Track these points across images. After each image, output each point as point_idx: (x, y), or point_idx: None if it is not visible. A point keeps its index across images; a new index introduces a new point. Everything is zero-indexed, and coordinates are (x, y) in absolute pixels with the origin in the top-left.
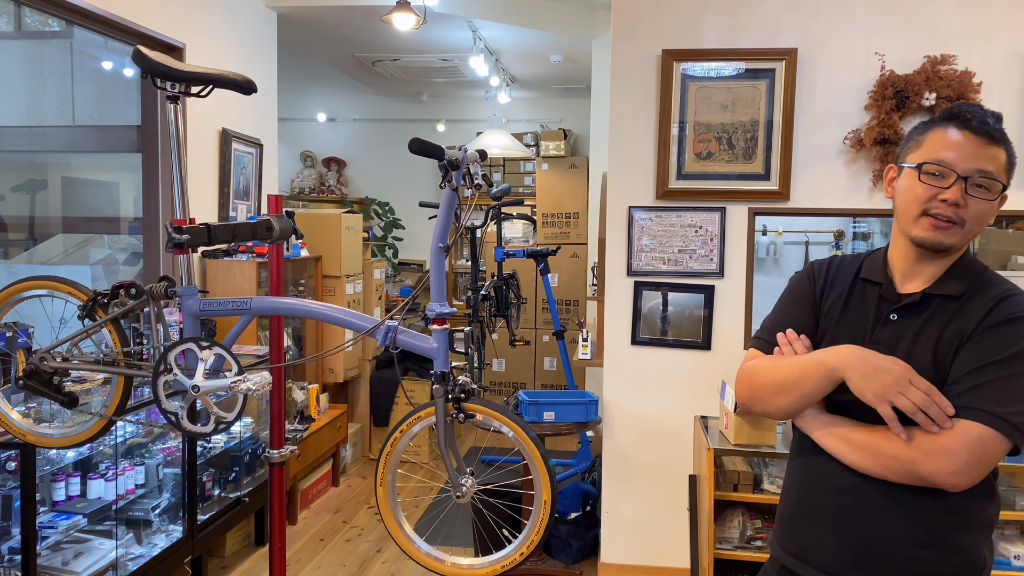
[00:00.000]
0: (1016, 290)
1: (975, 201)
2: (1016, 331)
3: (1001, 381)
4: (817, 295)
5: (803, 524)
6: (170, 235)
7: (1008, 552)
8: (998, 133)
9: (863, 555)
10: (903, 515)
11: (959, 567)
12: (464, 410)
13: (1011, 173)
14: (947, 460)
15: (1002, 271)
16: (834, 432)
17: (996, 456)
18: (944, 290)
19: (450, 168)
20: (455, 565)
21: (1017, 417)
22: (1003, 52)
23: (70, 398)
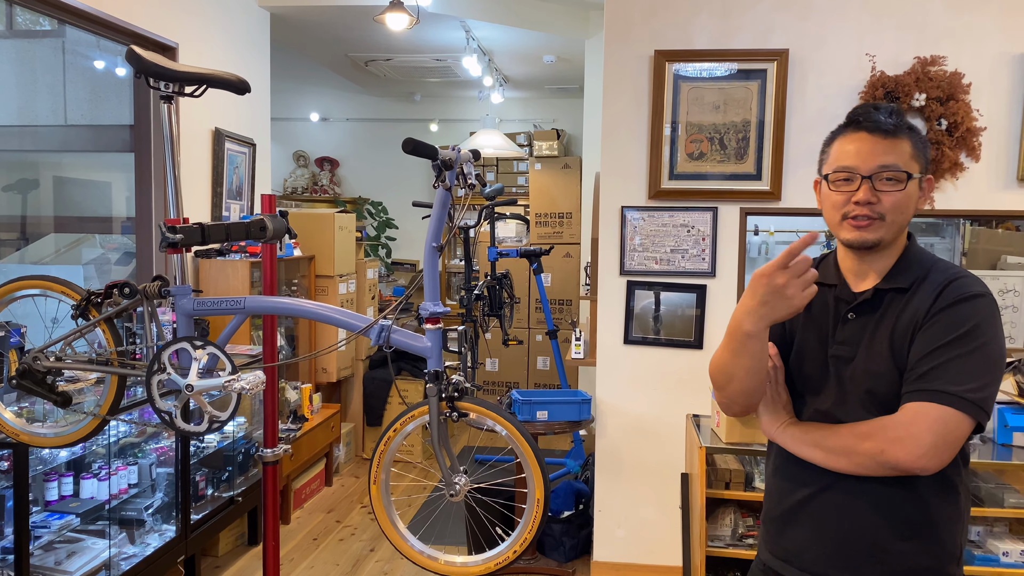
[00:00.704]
0: (962, 273)
1: (887, 195)
2: (964, 311)
3: (955, 361)
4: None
5: (785, 527)
6: (164, 234)
7: (996, 549)
8: (891, 127)
9: (844, 552)
10: (878, 510)
11: (936, 557)
12: (457, 409)
13: (921, 156)
14: (913, 445)
15: (992, 270)
16: (807, 440)
17: (960, 435)
18: (894, 283)
19: (443, 168)
20: (448, 563)
21: (974, 394)
22: (993, 53)
23: (63, 398)
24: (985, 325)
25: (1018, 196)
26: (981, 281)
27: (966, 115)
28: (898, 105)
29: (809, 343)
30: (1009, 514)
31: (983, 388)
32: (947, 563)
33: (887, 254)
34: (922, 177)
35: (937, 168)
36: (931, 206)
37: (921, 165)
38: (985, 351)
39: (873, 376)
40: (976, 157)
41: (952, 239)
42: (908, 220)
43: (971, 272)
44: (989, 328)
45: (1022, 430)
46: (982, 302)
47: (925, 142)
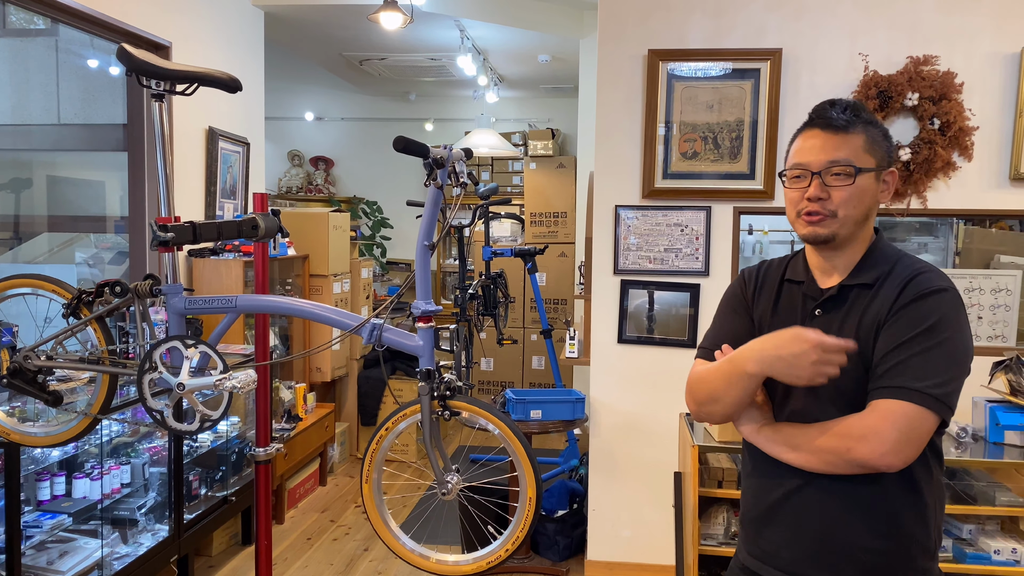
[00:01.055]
0: (926, 267)
1: (837, 190)
2: (926, 306)
3: (918, 356)
4: (749, 300)
5: (762, 527)
6: (155, 233)
7: (988, 547)
8: (843, 121)
9: (820, 552)
10: (851, 509)
11: (909, 553)
12: (449, 407)
13: (878, 149)
14: (877, 442)
15: (985, 269)
16: (779, 440)
17: (924, 431)
18: (859, 280)
19: (435, 166)
20: (440, 562)
21: (936, 389)
22: (985, 53)
23: (54, 397)
24: (948, 320)
25: (1010, 195)
26: (945, 276)
27: (958, 114)
28: (859, 100)
29: None
30: (1001, 512)
31: (946, 383)
32: (920, 557)
33: (851, 250)
34: (879, 171)
35: (930, 168)
36: (923, 204)
37: (877, 159)
38: (948, 346)
39: (840, 373)
40: (969, 156)
41: (946, 238)
42: (864, 215)
43: (935, 267)
44: (952, 323)
45: (1014, 428)
46: (945, 296)
47: (884, 136)
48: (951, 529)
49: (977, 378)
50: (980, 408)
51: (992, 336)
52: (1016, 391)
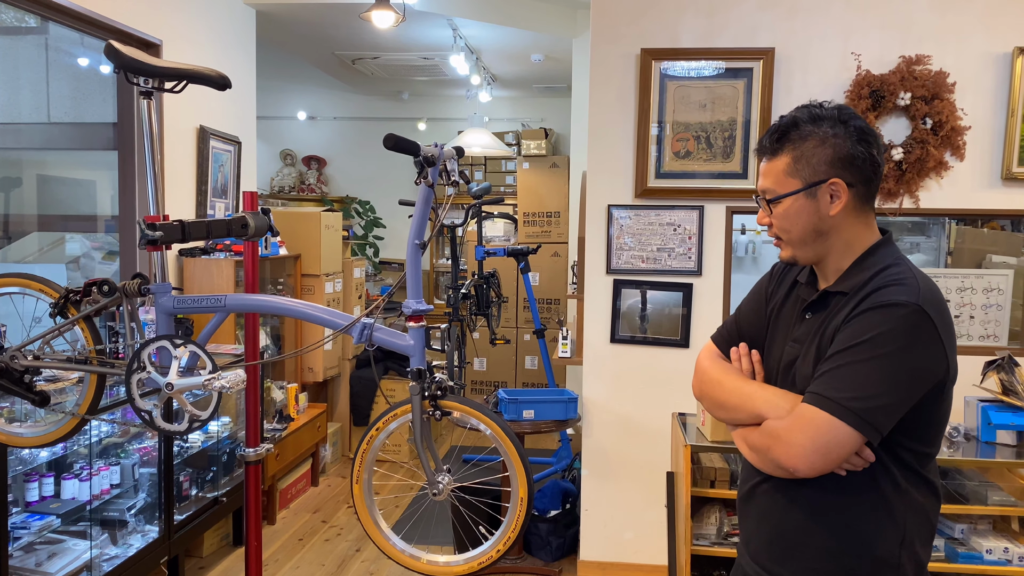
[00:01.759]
0: (900, 280)
1: (773, 216)
2: (873, 318)
3: (845, 367)
4: (768, 294)
5: (742, 518)
6: (143, 232)
7: (980, 546)
8: (770, 148)
9: (778, 548)
10: (803, 511)
11: (871, 564)
12: (441, 407)
13: (804, 165)
14: (788, 445)
15: (977, 269)
16: (739, 435)
17: (836, 441)
18: (839, 287)
19: (426, 164)
20: (431, 563)
21: (856, 403)
22: (977, 53)
23: (42, 397)
24: (894, 334)
25: (1002, 195)
26: (917, 291)
27: (951, 114)
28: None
29: (776, 339)
30: (993, 512)
31: (869, 399)
32: (880, 570)
33: (833, 259)
34: (812, 187)
35: (922, 167)
36: (915, 203)
37: (805, 176)
38: (883, 361)
39: (805, 377)
40: (961, 156)
41: (938, 238)
42: (809, 232)
43: (914, 282)
44: (899, 338)
45: (1006, 428)
46: (899, 311)
47: (811, 152)
48: (943, 529)
49: (969, 377)
50: (972, 407)
51: (984, 336)
52: (1008, 390)
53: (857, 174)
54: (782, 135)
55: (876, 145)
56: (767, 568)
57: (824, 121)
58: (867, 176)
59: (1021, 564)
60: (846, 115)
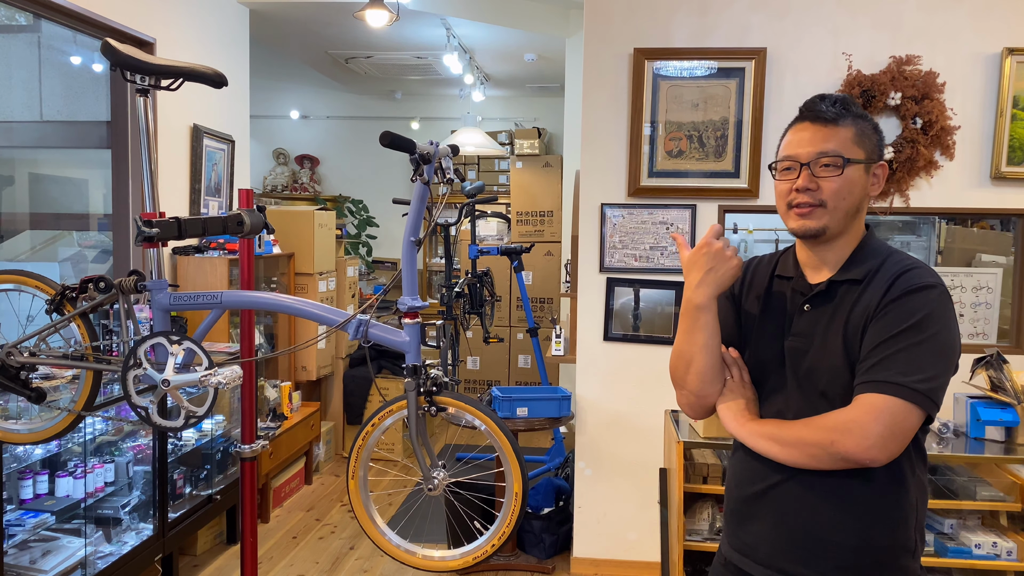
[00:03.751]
0: (915, 264)
1: (826, 181)
2: (915, 301)
3: (904, 351)
4: (737, 295)
5: (745, 520)
6: (140, 228)
7: (969, 541)
8: (832, 113)
9: (799, 546)
10: (832, 504)
11: (889, 550)
12: (436, 403)
13: (867, 142)
14: (862, 436)
15: (966, 268)
16: (764, 434)
17: (909, 426)
18: (848, 275)
19: (421, 162)
20: (426, 558)
21: (922, 384)
22: (966, 53)
23: (37, 393)
24: (935, 315)
25: (991, 194)
26: (934, 272)
27: (940, 114)
28: (849, 95)
29: (765, 336)
30: (982, 507)
31: (932, 379)
32: (900, 556)
33: (840, 245)
34: (869, 163)
35: (912, 166)
36: (905, 202)
37: (867, 151)
38: (934, 341)
39: (827, 369)
40: (950, 155)
41: (928, 237)
42: (854, 207)
43: (925, 264)
44: (940, 318)
45: (994, 424)
46: (933, 293)
47: (875, 129)
48: (933, 524)
49: (959, 374)
50: (961, 404)
51: (973, 333)
52: (996, 387)
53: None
54: (843, 106)
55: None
56: (788, 571)
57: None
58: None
59: (1009, 558)
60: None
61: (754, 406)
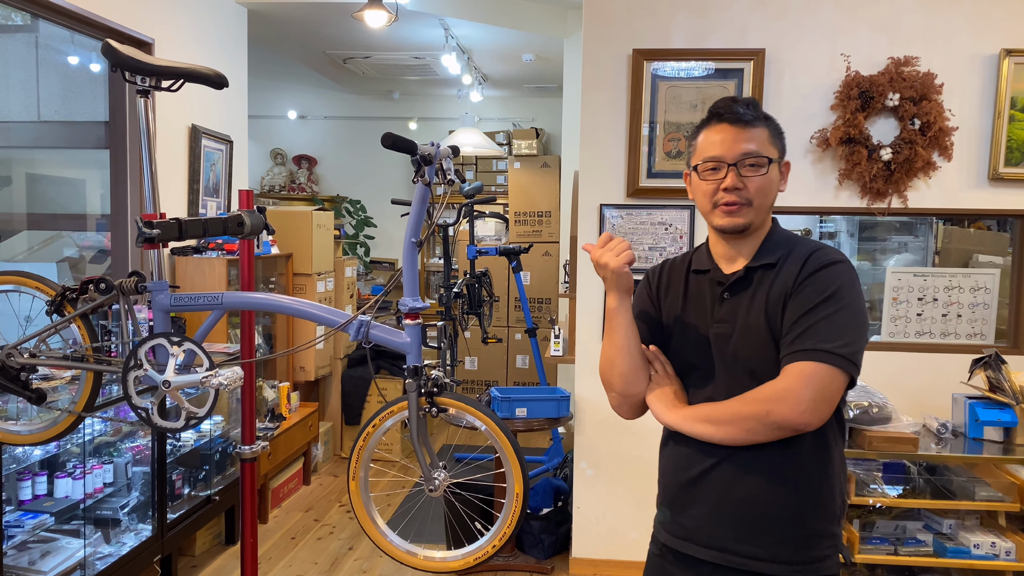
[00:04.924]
0: (822, 245)
1: (751, 180)
2: (828, 275)
3: (825, 320)
4: (655, 299)
5: (685, 506)
6: (140, 229)
7: (968, 541)
8: (750, 116)
9: (742, 525)
10: (769, 481)
11: (822, 519)
12: (437, 404)
13: (778, 142)
14: (794, 402)
15: (964, 268)
16: (697, 417)
17: (836, 388)
18: (762, 261)
19: (423, 163)
20: (428, 559)
21: (844, 349)
22: (964, 54)
23: (38, 394)
24: (846, 288)
25: (989, 195)
26: (839, 251)
27: (938, 115)
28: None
29: (689, 329)
30: (980, 507)
31: (852, 343)
32: (831, 523)
33: (754, 237)
34: (780, 161)
35: (910, 167)
36: (903, 203)
37: (778, 150)
38: (850, 310)
39: (752, 347)
40: (948, 156)
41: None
42: (772, 203)
43: (830, 245)
44: (850, 290)
45: (993, 424)
46: (841, 267)
47: (780, 131)
48: (931, 524)
49: (957, 375)
50: (960, 404)
51: (971, 334)
52: (995, 387)
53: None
54: (757, 107)
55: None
56: (733, 549)
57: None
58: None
59: (1008, 558)
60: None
61: (682, 394)
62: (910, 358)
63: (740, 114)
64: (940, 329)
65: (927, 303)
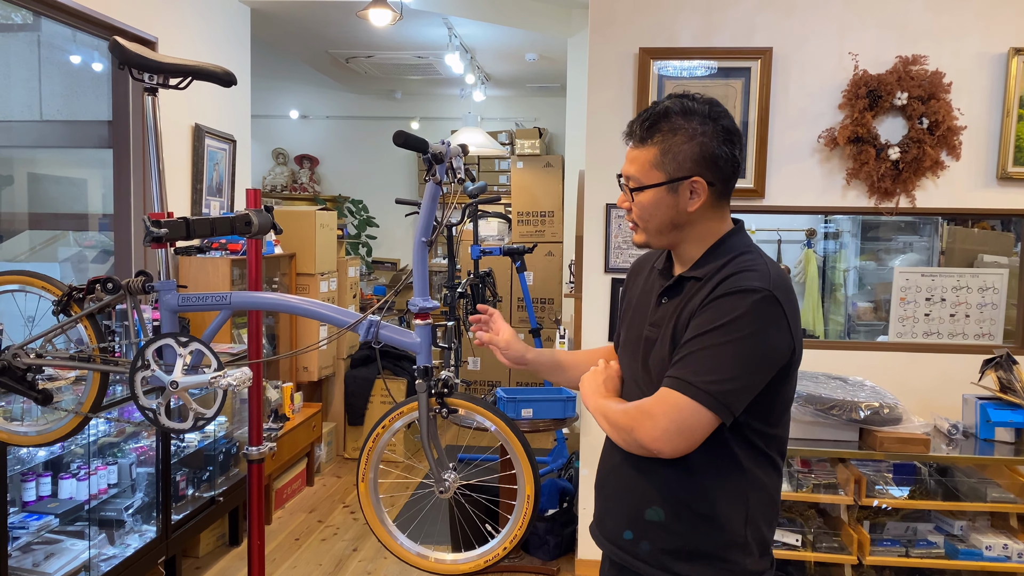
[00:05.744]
0: (752, 267)
1: (633, 203)
2: (730, 303)
3: (705, 351)
4: (624, 291)
5: (599, 494)
6: (148, 228)
7: (980, 543)
8: (639, 134)
9: (633, 526)
10: (656, 490)
11: (715, 543)
12: (447, 405)
13: (671, 161)
14: (652, 426)
15: (970, 268)
16: (600, 409)
17: (695, 424)
18: (694, 272)
19: (434, 161)
20: (439, 561)
21: (713, 386)
22: (972, 53)
23: (44, 395)
24: (746, 320)
25: (997, 195)
26: (769, 278)
27: (947, 114)
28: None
29: (634, 325)
30: (992, 508)
31: (725, 382)
32: (728, 549)
33: (689, 247)
34: (674, 182)
35: (918, 167)
36: (911, 203)
37: (671, 170)
38: (737, 346)
39: (660, 360)
40: (956, 156)
41: (931, 238)
42: (666, 224)
43: (768, 269)
44: (751, 323)
45: (1004, 425)
46: (752, 297)
47: (681, 147)
48: (942, 526)
49: (965, 375)
50: (970, 405)
51: (979, 334)
52: (1006, 388)
53: (718, 173)
54: (652, 124)
55: (739, 145)
56: (623, 547)
57: (695, 116)
58: (727, 175)
59: (1020, 560)
60: (716, 112)
61: (612, 384)
62: (918, 358)
63: (633, 131)
64: (948, 329)
65: (935, 303)
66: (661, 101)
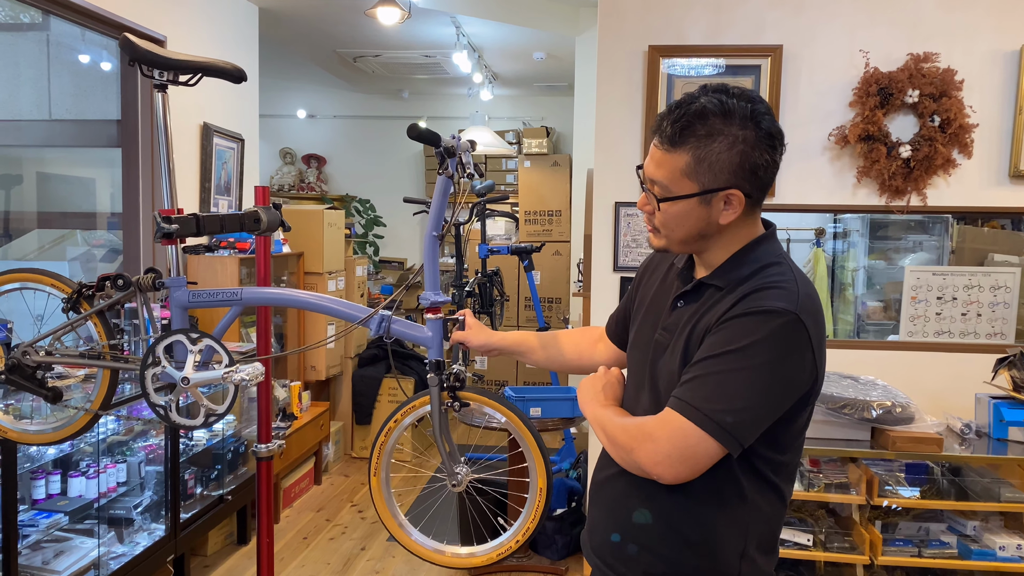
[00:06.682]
0: (779, 284)
1: (662, 210)
2: (749, 324)
3: (719, 375)
4: (640, 281)
5: (591, 504)
6: (159, 224)
7: (993, 543)
8: (669, 135)
9: (619, 544)
10: (650, 511)
11: (708, 571)
12: (459, 398)
13: (705, 171)
14: (652, 449)
15: (981, 267)
16: (599, 419)
17: (699, 453)
18: (715, 280)
19: (446, 155)
20: (455, 555)
21: (724, 416)
22: (985, 50)
23: (54, 393)
24: (765, 345)
25: (1010, 193)
26: (796, 297)
27: (959, 112)
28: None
29: (645, 326)
30: (1005, 508)
31: (737, 412)
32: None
33: (714, 251)
34: (706, 194)
35: (930, 165)
36: (923, 201)
37: (702, 182)
38: (753, 373)
39: (668, 372)
40: (968, 154)
41: (941, 237)
42: (693, 234)
43: (796, 287)
44: (770, 350)
45: (1017, 425)
46: (776, 320)
47: (719, 156)
48: (955, 526)
49: (977, 375)
50: (984, 404)
51: (991, 334)
52: (1019, 387)
53: (757, 183)
54: (686, 126)
55: (781, 149)
56: (608, 564)
57: (735, 118)
58: (766, 184)
59: None
60: (758, 113)
61: (612, 392)
62: (929, 357)
63: (662, 130)
64: (960, 328)
65: (946, 302)
66: (696, 97)
